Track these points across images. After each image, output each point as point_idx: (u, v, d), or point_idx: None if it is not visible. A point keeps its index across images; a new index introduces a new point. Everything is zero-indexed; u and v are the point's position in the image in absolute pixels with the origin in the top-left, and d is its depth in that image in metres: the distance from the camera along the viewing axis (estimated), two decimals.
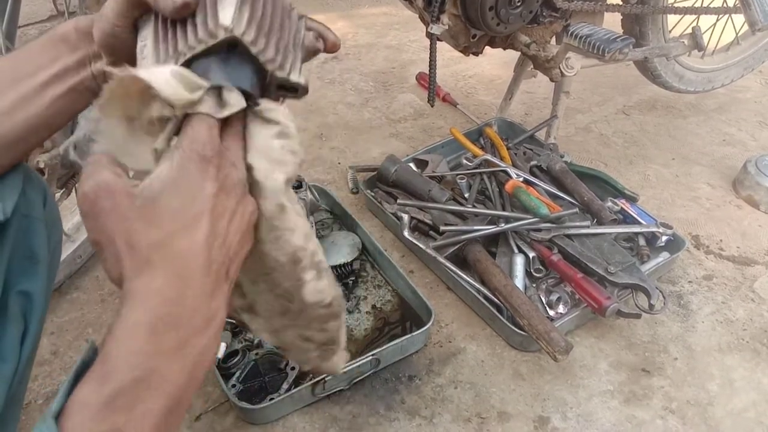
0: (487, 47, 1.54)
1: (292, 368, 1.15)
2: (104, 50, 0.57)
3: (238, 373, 1.14)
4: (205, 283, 0.46)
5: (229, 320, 1.24)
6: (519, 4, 1.36)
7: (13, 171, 0.61)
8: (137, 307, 0.44)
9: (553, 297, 1.26)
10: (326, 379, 1.10)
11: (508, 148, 1.61)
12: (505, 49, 1.55)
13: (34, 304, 0.64)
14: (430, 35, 1.40)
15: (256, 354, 1.18)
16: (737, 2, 1.64)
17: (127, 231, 0.45)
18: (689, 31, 1.69)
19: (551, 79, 1.54)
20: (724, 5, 1.78)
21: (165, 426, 0.44)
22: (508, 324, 1.22)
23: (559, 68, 1.48)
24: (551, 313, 1.26)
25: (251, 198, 0.50)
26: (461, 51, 1.50)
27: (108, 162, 0.47)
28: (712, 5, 1.74)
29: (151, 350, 0.43)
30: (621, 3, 1.57)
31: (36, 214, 0.66)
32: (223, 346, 1.20)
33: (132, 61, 0.54)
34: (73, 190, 1.23)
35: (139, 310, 0.44)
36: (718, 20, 1.88)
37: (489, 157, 1.54)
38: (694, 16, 1.73)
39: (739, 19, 1.84)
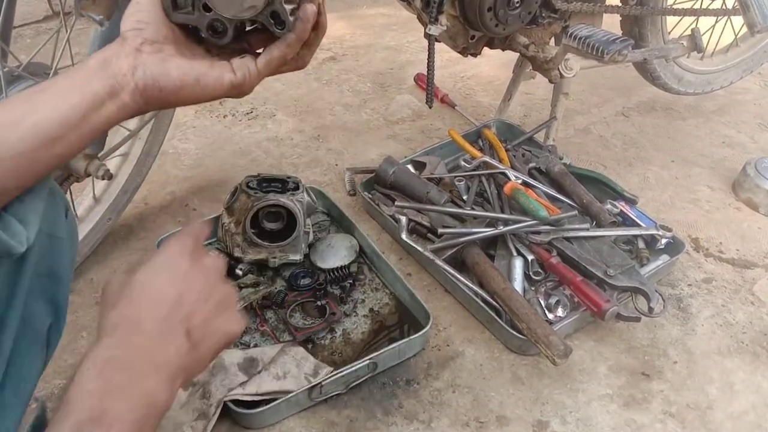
0: (485, 48, 1.53)
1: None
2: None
3: None
4: (154, 332, 0.54)
5: None
6: (518, 5, 1.35)
7: (36, 189, 0.63)
8: (90, 354, 0.51)
9: (552, 300, 1.26)
10: (323, 383, 1.09)
11: (506, 150, 1.60)
12: (503, 50, 1.54)
13: (57, 321, 0.64)
14: (428, 36, 1.39)
15: None
16: (736, 4, 1.63)
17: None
18: (688, 32, 1.68)
19: (550, 81, 1.53)
20: (723, 7, 1.78)
21: None
22: (507, 327, 1.21)
23: (558, 69, 1.47)
24: (550, 316, 1.25)
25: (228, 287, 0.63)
26: (459, 52, 1.49)
27: None
28: (711, 7, 1.74)
29: (101, 389, 0.49)
30: (620, 4, 1.56)
31: (59, 233, 0.68)
32: None
33: None
34: (69, 192, 1.22)
35: (91, 356, 0.51)
36: (717, 22, 1.88)
37: (488, 159, 1.53)
38: (692, 18, 1.73)
39: (738, 20, 1.84)
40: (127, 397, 0.50)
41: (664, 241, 1.39)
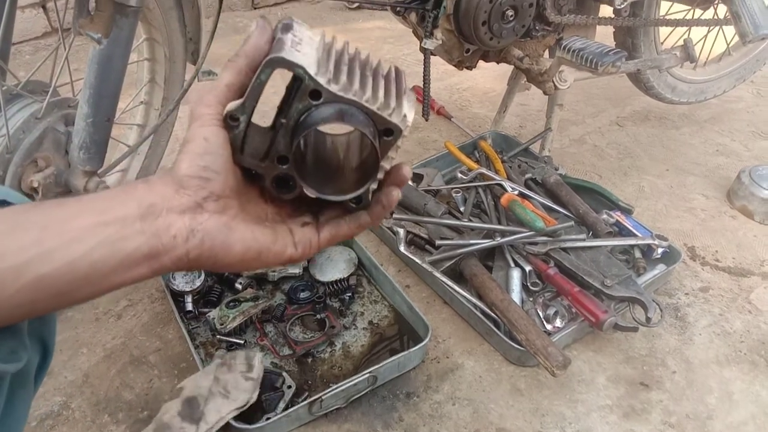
0: (480, 61, 1.55)
1: (288, 387, 1.14)
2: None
3: None
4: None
5: (226, 338, 1.24)
6: (511, 18, 1.36)
7: None
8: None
9: (551, 311, 1.26)
10: (323, 398, 1.09)
11: (503, 161, 1.61)
12: (498, 63, 1.56)
13: (45, 358, 0.61)
14: (424, 50, 1.41)
15: None
16: (727, 14, 1.65)
17: None
18: (681, 42, 1.70)
19: (545, 93, 1.54)
20: (715, 17, 1.80)
21: None
22: (506, 339, 1.21)
23: (553, 81, 1.48)
24: (548, 327, 1.25)
25: None
26: (455, 65, 1.50)
27: None
28: (702, 17, 1.76)
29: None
30: (613, 16, 1.57)
31: None
32: None
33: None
34: None
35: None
36: (708, 32, 1.90)
37: (484, 170, 1.54)
38: (685, 28, 1.75)
39: (730, 30, 1.86)
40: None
41: (660, 250, 1.40)
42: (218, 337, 1.24)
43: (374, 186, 0.53)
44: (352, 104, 0.49)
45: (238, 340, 1.24)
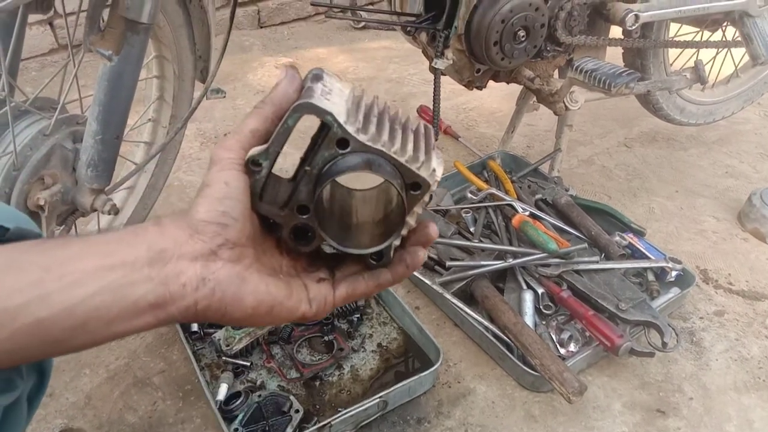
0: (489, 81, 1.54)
1: (296, 411, 1.11)
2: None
3: (240, 416, 1.10)
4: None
5: (232, 360, 1.21)
6: (523, 39, 1.36)
7: None
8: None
9: (565, 335, 1.23)
10: (332, 423, 1.06)
11: (512, 182, 1.59)
12: (508, 83, 1.55)
13: (42, 383, 0.59)
14: (434, 70, 1.40)
15: (259, 396, 1.14)
16: (737, 36, 1.65)
17: None
18: (690, 64, 1.69)
19: (555, 113, 1.53)
20: (724, 39, 1.80)
21: None
22: (519, 363, 1.18)
23: (564, 102, 1.47)
24: (562, 351, 1.23)
25: None
26: (465, 85, 1.49)
27: None
28: (711, 39, 1.76)
29: None
30: (622, 37, 1.57)
31: None
32: (224, 387, 1.16)
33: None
34: (73, 227, 1.20)
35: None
36: (717, 53, 1.90)
37: (494, 190, 1.52)
38: (693, 51, 1.75)
39: (738, 52, 1.86)
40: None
41: (674, 273, 1.38)
42: (224, 358, 1.22)
43: (397, 242, 0.51)
44: (380, 155, 0.47)
45: (244, 362, 1.22)
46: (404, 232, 0.51)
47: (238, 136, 0.48)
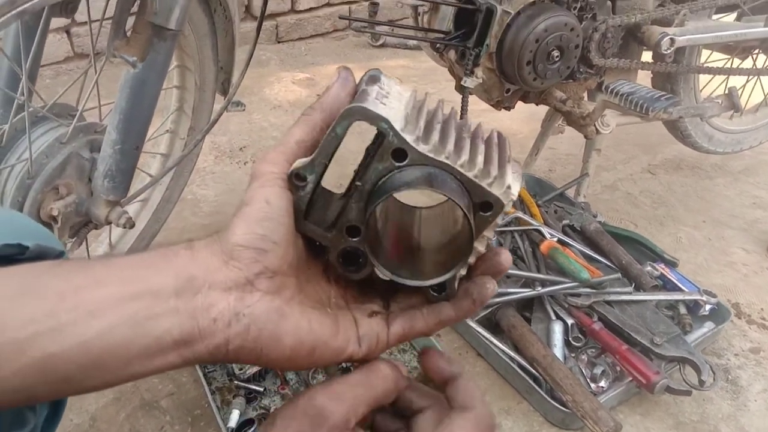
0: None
1: None
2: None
3: None
4: None
5: (244, 385, 1.15)
6: (557, 59, 1.32)
7: None
8: None
9: (597, 370, 1.17)
10: None
11: (538, 206, 1.54)
12: (537, 104, 1.51)
13: (56, 413, 0.55)
14: (462, 89, 1.36)
15: None
16: None
17: None
18: (719, 91, 1.65)
19: (586, 136, 1.49)
20: (755, 66, 1.76)
21: None
22: (548, 398, 1.12)
23: (595, 125, 1.43)
24: (593, 386, 1.16)
25: None
26: (493, 105, 1.45)
27: None
28: (742, 66, 1.72)
29: None
30: (655, 60, 1.53)
31: None
32: (236, 413, 1.10)
33: None
34: (85, 239, 1.15)
35: None
36: (747, 81, 1.86)
37: (521, 214, 1.47)
38: (722, 78, 1.71)
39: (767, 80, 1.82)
40: None
41: (708, 307, 1.32)
42: (236, 382, 1.16)
43: (463, 272, 0.44)
44: (443, 168, 0.40)
45: (257, 387, 1.16)
46: (471, 260, 0.44)
47: (282, 148, 0.42)
